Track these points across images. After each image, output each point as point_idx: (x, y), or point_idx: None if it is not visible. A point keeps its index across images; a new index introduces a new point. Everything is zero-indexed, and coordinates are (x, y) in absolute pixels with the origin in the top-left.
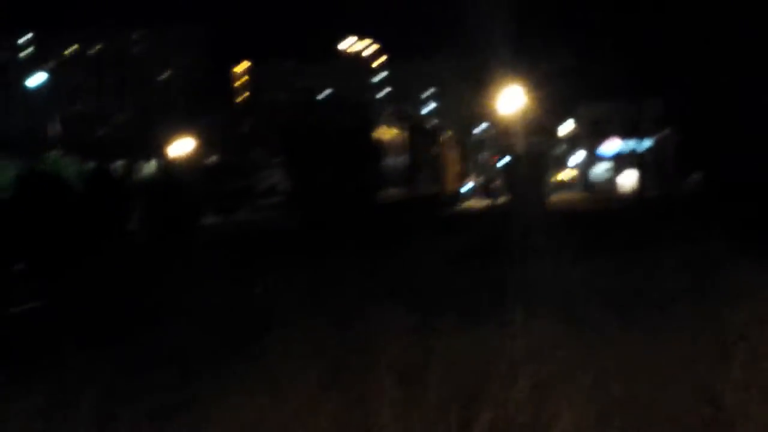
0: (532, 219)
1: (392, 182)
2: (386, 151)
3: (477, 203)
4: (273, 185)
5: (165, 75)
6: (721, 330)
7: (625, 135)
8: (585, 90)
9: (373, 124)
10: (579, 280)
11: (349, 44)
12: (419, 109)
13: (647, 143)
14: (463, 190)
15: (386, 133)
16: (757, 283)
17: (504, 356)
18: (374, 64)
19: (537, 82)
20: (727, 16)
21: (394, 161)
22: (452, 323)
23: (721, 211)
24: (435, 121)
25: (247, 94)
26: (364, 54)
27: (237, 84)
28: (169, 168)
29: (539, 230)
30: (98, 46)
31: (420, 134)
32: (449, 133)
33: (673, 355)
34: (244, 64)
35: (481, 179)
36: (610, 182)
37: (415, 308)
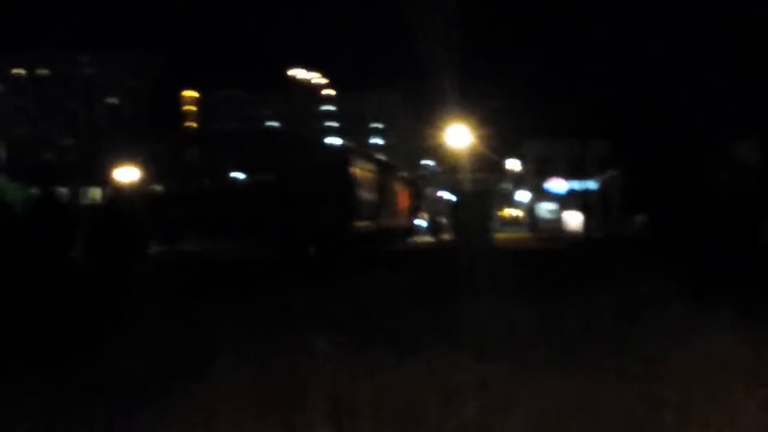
0: (477, 256)
1: (361, 216)
2: (358, 186)
3: (427, 238)
4: (226, 215)
5: (113, 100)
6: (651, 373)
7: (569, 175)
8: (531, 128)
9: (350, 161)
10: (519, 320)
11: (300, 75)
12: (368, 143)
13: (592, 184)
14: (416, 224)
15: (357, 169)
16: (688, 327)
17: (435, 391)
18: (323, 97)
19: (483, 120)
20: (675, 62)
21: (364, 195)
22: (387, 357)
23: (663, 254)
24: (385, 156)
25: (195, 122)
26: (314, 85)
27: (186, 110)
28: (115, 194)
29: (484, 268)
30: (46, 69)
31: (383, 170)
32: (402, 169)
33: (603, 396)
34: (194, 92)
35: (428, 215)
36: (556, 222)
37: (355, 341)
